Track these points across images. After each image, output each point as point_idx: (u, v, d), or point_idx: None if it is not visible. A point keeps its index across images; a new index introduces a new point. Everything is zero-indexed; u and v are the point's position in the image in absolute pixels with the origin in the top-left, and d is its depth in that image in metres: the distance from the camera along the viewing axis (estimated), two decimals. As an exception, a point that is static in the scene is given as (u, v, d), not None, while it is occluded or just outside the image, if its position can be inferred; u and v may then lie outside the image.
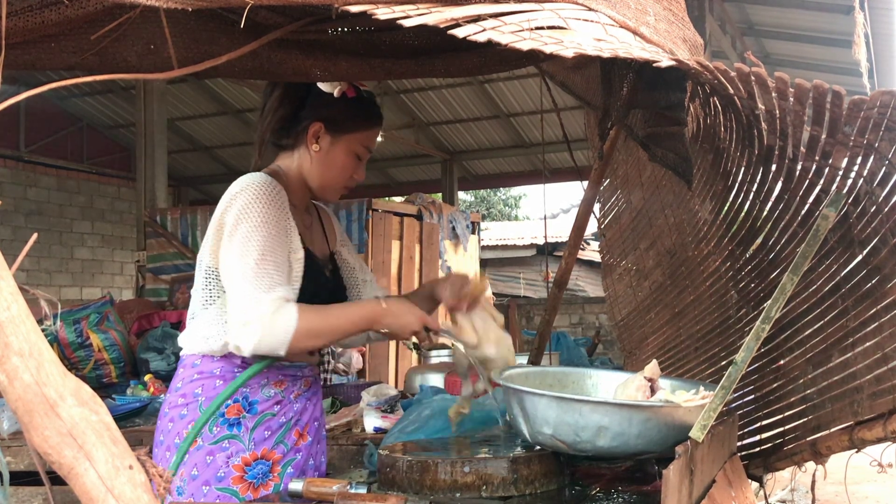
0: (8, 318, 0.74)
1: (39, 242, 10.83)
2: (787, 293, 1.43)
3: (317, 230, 2.02)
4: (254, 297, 1.66)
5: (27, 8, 1.23)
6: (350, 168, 1.91)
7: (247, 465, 1.78)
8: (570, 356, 4.89)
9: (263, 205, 1.73)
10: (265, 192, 1.75)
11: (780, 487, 4.96)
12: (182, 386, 1.81)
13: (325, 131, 1.86)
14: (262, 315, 1.65)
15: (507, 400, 1.64)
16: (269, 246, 1.71)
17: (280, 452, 1.83)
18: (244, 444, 1.78)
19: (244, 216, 1.71)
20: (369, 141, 1.93)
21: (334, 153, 1.88)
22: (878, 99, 1.15)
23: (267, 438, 1.81)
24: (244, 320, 1.66)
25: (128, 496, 0.76)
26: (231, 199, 1.75)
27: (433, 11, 1.12)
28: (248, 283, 1.67)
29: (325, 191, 1.93)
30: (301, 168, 1.90)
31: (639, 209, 3.12)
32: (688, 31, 1.71)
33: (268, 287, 1.67)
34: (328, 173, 1.89)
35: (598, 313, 11.31)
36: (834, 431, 1.64)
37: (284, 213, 1.78)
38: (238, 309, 1.67)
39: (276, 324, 1.65)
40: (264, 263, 1.69)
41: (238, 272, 1.68)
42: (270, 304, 1.66)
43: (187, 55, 1.41)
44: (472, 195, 23.71)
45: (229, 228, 1.72)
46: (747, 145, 1.91)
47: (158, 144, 8.31)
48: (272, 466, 1.81)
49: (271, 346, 1.67)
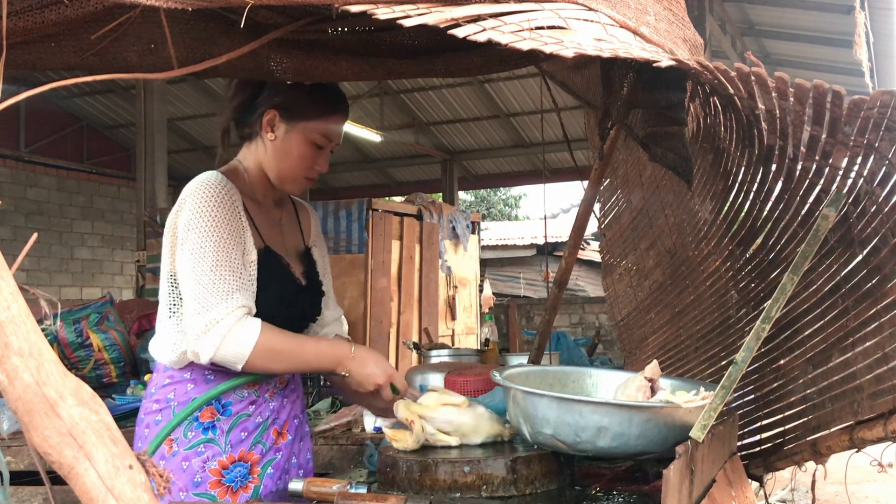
0: (8, 317, 0.74)
1: (39, 242, 10.83)
2: (787, 293, 1.43)
3: (289, 225, 1.94)
4: (211, 304, 1.62)
5: (27, 8, 1.23)
6: (309, 158, 1.81)
7: (224, 468, 1.74)
8: (570, 356, 4.90)
9: (213, 208, 1.68)
10: (214, 194, 1.69)
11: (781, 487, 4.97)
12: (155, 391, 1.77)
13: (280, 119, 1.78)
14: (220, 322, 1.61)
15: (507, 400, 1.64)
16: (222, 251, 1.66)
17: (258, 453, 1.79)
18: (220, 448, 1.74)
19: (194, 222, 1.66)
20: (329, 129, 1.82)
21: (290, 142, 1.79)
22: (879, 99, 1.15)
23: (244, 440, 1.77)
24: (203, 327, 1.61)
25: (128, 496, 0.76)
26: (181, 203, 1.70)
27: (433, 11, 1.12)
28: (205, 290, 1.62)
29: (283, 182, 1.84)
30: (259, 159, 1.83)
31: (639, 209, 3.12)
32: (688, 30, 1.70)
33: (225, 294, 1.63)
34: (285, 163, 1.81)
35: (598, 313, 11.32)
36: (834, 431, 1.64)
37: (236, 213, 1.72)
38: (195, 317, 1.62)
39: (237, 333, 1.61)
40: (219, 269, 1.64)
41: (193, 280, 1.64)
42: (231, 313, 1.62)
43: (187, 55, 1.41)
44: (472, 195, 23.72)
45: (181, 235, 1.68)
46: (747, 145, 1.91)
47: (158, 144, 8.31)
48: (251, 468, 1.77)
49: (229, 355, 1.62)
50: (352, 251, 7.81)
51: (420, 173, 13.83)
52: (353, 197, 8.10)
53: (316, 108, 1.80)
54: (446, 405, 1.69)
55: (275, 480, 1.81)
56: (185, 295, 1.67)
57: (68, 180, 11.63)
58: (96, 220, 12.00)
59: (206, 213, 1.67)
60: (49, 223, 11.14)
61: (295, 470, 1.88)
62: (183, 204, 1.70)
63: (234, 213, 1.72)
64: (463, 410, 1.69)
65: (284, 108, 1.78)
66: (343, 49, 1.56)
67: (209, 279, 1.63)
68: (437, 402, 1.70)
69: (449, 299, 9.61)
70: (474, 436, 1.68)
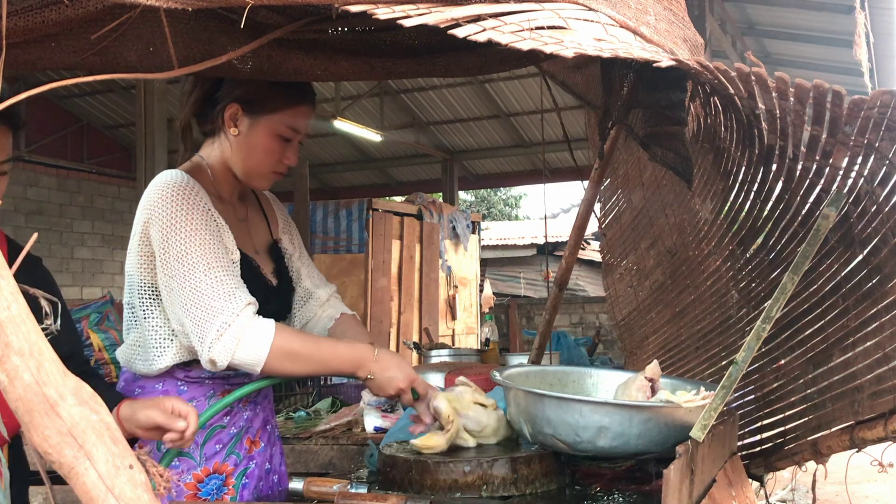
0: (8, 317, 0.74)
1: (39, 242, 10.82)
2: (787, 293, 1.43)
3: (255, 219, 1.87)
4: (217, 309, 1.55)
5: (27, 8, 1.23)
6: (276, 152, 1.73)
7: (199, 481, 1.70)
8: (570, 356, 4.89)
9: (187, 211, 1.60)
10: (184, 196, 1.62)
11: (781, 487, 4.97)
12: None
13: (243, 113, 1.70)
14: (232, 325, 1.54)
15: (507, 400, 1.64)
16: (210, 252, 1.59)
17: (232, 464, 1.74)
18: (195, 461, 1.69)
19: (172, 229, 1.58)
20: (295, 121, 1.73)
21: (255, 136, 1.71)
22: (879, 98, 1.15)
23: (218, 452, 1.72)
24: (216, 333, 1.54)
25: (128, 495, 0.76)
26: (149, 210, 1.61)
27: (433, 11, 1.12)
28: (205, 296, 1.55)
29: (251, 178, 1.76)
30: (224, 155, 1.75)
31: (639, 209, 3.12)
32: (688, 30, 1.70)
33: (227, 295, 1.56)
34: (251, 159, 1.72)
35: (599, 313, 11.33)
36: (835, 431, 1.64)
37: (209, 213, 1.65)
38: (204, 324, 1.55)
39: (252, 335, 1.55)
40: (212, 272, 1.58)
41: (189, 289, 1.56)
42: (240, 313, 1.56)
43: (187, 55, 1.40)
44: (472, 195, 23.73)
45: (160, 246, 1.59)
46: (748, 145, 1.91)
47: (158, 144, 8.30)
48: (226, 479, 1.73)
49: (247, 358, 1.55)
50: (352, 251, 7.81)
51: (420, 173, 13.83)
52: (354, 197, 8.10)
53: (280, 99, 1.71)
54: (477, 403, 1.68)
55: (250, 490, 1.78)
56: (183, 306, 1.57)
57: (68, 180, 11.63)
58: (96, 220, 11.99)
59: (181, 218, 1.59)
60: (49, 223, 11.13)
61: (269, 475, 1.85)
62: (152, 211, 1.61)
63: (208, 213, 1.65)
64: (490, 412, 1.68)
65: (246, 101, 1.70)
66: (343, 49, 1.56)
67: (206, 284, 1.56)
68: (470, 400, 1.68)
69: (449, 299, 9.62)
70: (492, 438, 1.68)
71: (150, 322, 1.69)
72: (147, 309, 1.69)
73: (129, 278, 1.72)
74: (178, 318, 1.61)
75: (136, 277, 1.69)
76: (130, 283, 1.71)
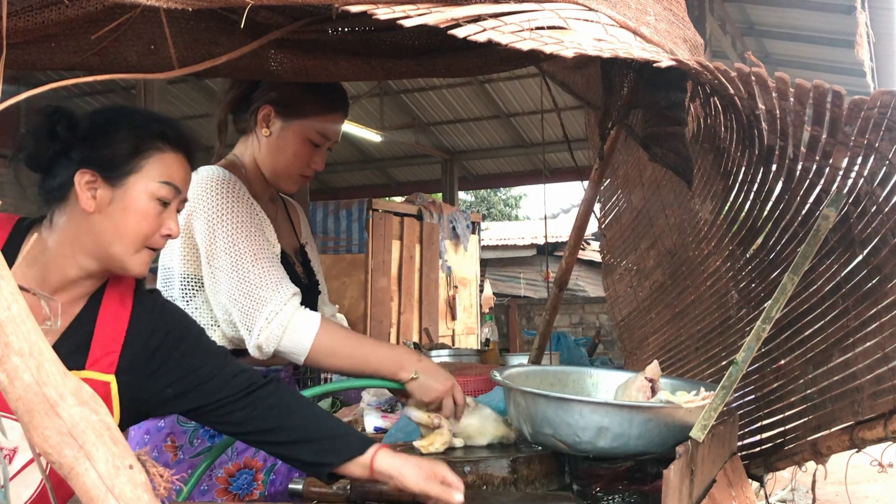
0: (8, 317, 0.74)
1: (40, 242, 10.81)
2: (787, 293, 1.43)
3: (283, 221, 1.91)
4: (266, 298, 1.58)
5: (27, 8, 1.23)
6: (304, 156, 1.77)
7: (231, 475, 1.72)
8: (570, 356, 4.90)
9: (231, 203, 1.64)
10: (226, 189, 1.66)
11: (781, 487, 4.97)
12: None
13: (276, 115, 1.75)
14: (279, 313, 1.57)
15: (507, 400, 1.64)
16: (256, 244, 1.63)
17: (261, 459, 1.77)
18: (227, 455, 1.72)
19: (217, 221, 1.63)
20: (326, 128, 1.78)
21: (285, 139, 1.76)
22: (879, 99, 1.15)
23: (248, 447, 1.73)
24: (265, 321, 1.57)
25: (128, 496, 0.76)
26: (192, 201, 1.64)
27: (433, 11, 1.12)
28: (254, 286, 1.59)
29: (278, 179, 1.80)
30: (254, 154, 1.80)
31: (639, 209, 3.12)
32: (688, 30, 1.70)
33: (274, 285, 1.60)
34: (280, 160, 1.77)
35: (599, 313, 11.32)
36: (834, 431, 1.64)
37: (252, 206, 1.70)
38: (254, 313, 1.58)
39: (298, 324, 1.58)
40: (260, 262, 1.62)
41: (237, 279, 1.60)
42: (288, 302, 1.59)
43: (187, 55, 1.41)
44: (472, 195, 23.71)
45: (205, 238, 1.63)
46: (748, 145, 1.91)
47: (159, 144, 8.30)
48: (255, 475, 1.76)
49: (291, 345, 1.58)
50: (352, 251, 7.82)
51: (420, 173, 13.82)
52: (354, 197, 8.11)
53: (313, 105, 1.76)
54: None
55: (277, 486, 1.80)
56: (230, 296, 1.61)
57: (68, 180, 11.63)
58: (96, 220, 12.00)
59: (227, 210, 1.64)
60: (49, 223, 11.14)
61: (291, 473, 1.85)
62: (195, 204, 1.64)
63: (251, 207, 1.69)
64: (469, 412, 1.68)
65: (280, 104, 1.74)
66: (343, 49, 1.56)
67: (254, 274, 1.60)
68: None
69: (449, 299, 9.62)
70: (479, 437, 1.67)
71: (191, 309, 1.71)
72: (191, 300, 1.72)
73: (164, 272, 1.75)
74: (223, 308, 1.65)
75: (176, 270, 1.72)
76: (168, 276, 1.74)
